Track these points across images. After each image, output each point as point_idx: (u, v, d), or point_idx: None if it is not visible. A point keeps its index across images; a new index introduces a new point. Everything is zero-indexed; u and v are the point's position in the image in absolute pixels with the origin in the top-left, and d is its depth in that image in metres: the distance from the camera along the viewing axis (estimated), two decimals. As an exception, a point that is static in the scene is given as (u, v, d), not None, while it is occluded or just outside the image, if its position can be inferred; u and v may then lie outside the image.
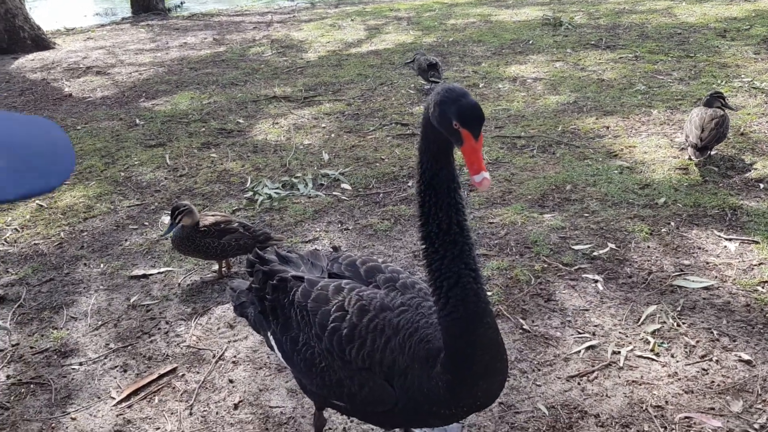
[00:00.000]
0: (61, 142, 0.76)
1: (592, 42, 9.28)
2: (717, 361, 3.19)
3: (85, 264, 4.49)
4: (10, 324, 3.88)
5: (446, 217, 1.99)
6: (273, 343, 2.61)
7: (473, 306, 2.03)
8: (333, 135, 6.54)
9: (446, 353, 2.08)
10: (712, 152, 5.33)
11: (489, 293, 3.70)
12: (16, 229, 5.06)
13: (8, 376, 3.45)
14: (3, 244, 4.84)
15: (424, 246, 2.08)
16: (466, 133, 1.84)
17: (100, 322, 3.85)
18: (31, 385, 3.38)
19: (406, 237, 4.52)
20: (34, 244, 4.81)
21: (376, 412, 2.30)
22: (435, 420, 2.27)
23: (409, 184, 5.34)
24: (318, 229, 4.70)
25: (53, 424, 3.11)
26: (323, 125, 6.84)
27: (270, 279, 2.57)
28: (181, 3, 17.66)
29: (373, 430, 2.92)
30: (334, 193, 5.27)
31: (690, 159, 5.22)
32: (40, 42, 11.94)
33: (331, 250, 2.95)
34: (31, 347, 3.67)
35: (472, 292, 2.03)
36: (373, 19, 12.73)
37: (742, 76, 7.26)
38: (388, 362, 2.19)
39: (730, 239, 4.21)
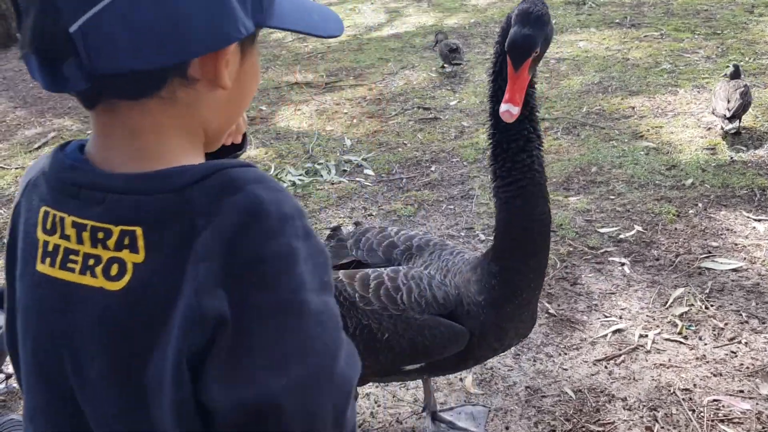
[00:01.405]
0: (333, 13, 1.06)
1: (617, 20, 9.14)
2: (746, 343, 3.17)
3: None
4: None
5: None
6: None
7: (538, 176, 2.03)
8: (355, 120, 6.54)
9: (499, 235, 2.11)
10: (741, 123, 5.25)
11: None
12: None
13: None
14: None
15: (490, 127, 2.07)
16: (508, 59, 1.85)
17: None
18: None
19: (430, 222, 4.52)
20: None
21: (450, 359, 2.24)
22: (506, 330, 2.24)
23: (432, 168, 5.33)
24: (342, 215, 4.72)
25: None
26: (345, 111, 6.85)
27: None
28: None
29: (400, 414, 2.95)
30: (357, 178, 5.28)
31: (722, 129, 5.22)
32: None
33: (354, 225, 2.97)
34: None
35: (538, 160, 2.03)
36: (393, 1, 12.65)
37: (772, 52, 7.12)
38: (441, 296, 2.20)
39: (759, 220, 4.15)
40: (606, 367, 3.12)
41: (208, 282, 0.80)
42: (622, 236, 4.11)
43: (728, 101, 5.12)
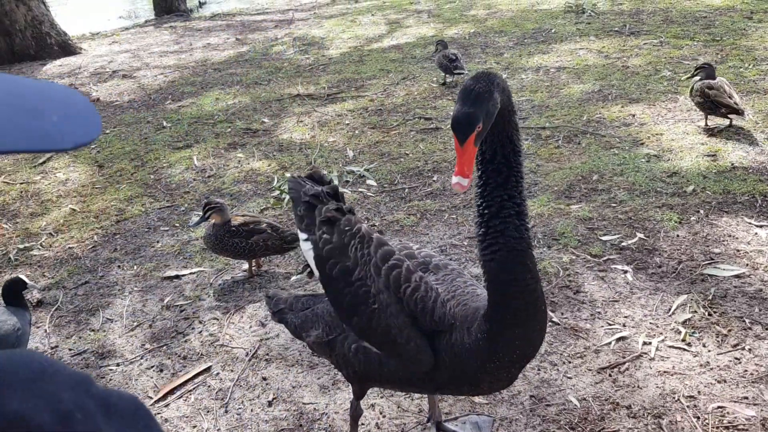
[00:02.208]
0: (83, 100, 0.77)
1: (616, 28, 9.18)
2: (750, 349, 3.17)
3: (119, 266, 4.59)
4: (48, 327, 3.99)
5: (492, 146, 2.03)
6: (310, 256, 2.56)
7: (513, 242, 2.04)
8: (357, 131, 6.57)
9: (488, 298, 2.11)
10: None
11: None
12: (50, 233, 5.18)
13: (49, 378, 3.55)
14: (39, 248, 4.96)
15: (478, 181, 2.11)
16: (454, 136, 1.95)
17: (135, 323, 3.93)
18: (72, 386, 3.47)
19: (432, 232, 4.54)
20: (69, 247, 4.93)
21: (415, 374, 2.30)
22: (480, 379, 2.24)
23: (434, 178, 5.35)
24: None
25: (94, 424, 3.19)
26: (347, 122, 6.88)
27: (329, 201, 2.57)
28: (201, 3, 17.77)
29: (405, 425, 2.96)
30: (359, 189, 5.30)
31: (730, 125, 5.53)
32: (66, 47, 12.13)
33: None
34: (70, 349, 3.77)
35: (513, 226, 2.04)
36: (394, 13, 12.72)
37: (771, 58, 7.14)
38: (439, 314, 2.24)
39: (761, 226, 4.16)
40: (610, 375, 3.12)
41: None
42: (624, 244, 4.12)
43: (731, 96, 5.34)
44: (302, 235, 2.61)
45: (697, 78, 5.57)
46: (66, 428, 0.60)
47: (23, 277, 3.60)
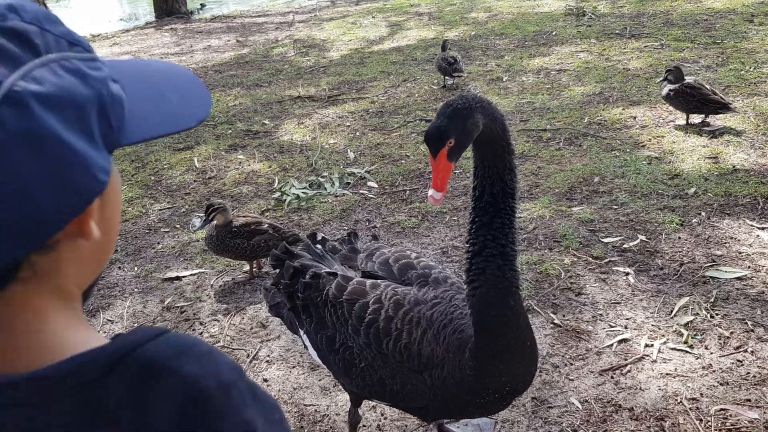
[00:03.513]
0: (189, 75, 0.87)
1: (617, 31, 9.19)
2: (752, 352, 3.16)
3: (119, 267, 4.58)
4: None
5: (482, 183, 2.03)
6: (307, 342, 2.64)
7: (494, 281, 2.03)
8: (358, 133, 6.57)
9: (473, 334, 2.10)
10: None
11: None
12: (51, 234, 5.17)
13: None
14: (39, 249, 4.95)
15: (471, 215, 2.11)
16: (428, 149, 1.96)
17: (136, 325, 3.92)
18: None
19: (433, 234, 4.53)
20: (70, 249, 4.91)
21: (412, 409, 2.34)
22: (472, 410, 2.27)
23: (436, 180, 5.34)
24: (346, 228, 4.73)
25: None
26: (348, 124, 6.88)
27: (301, 276, 2.59)
28: (202, 6, 17.78)
29: (406, 426, 2.95)
30: (360, 191, 5.30)
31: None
32: (67, 49, 12.14)
33: (371, 238, 2.98)
34: (71, 350, 3.76)
35: (495, 265, 2.02)
36: (394, 15, 12.73)
37: (772, 61, 7.14)
38: (426, 353, 2.22)
39: (763, 228, 4.16)
40: (612, 377, 3.11)
41: None
42: (625, 246, 4.11)
43: (714, 93, 5.59)
44: (302, 335, 2.68)
45: (666, 81, 5.77)
46: (225, 396, 0.75)
47: None
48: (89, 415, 0.71)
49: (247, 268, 4.35)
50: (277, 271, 2.77)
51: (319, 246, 2.78)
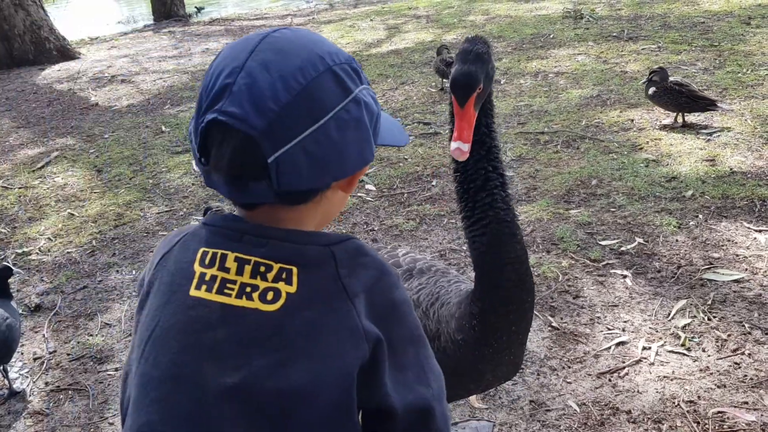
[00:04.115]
0: (397, 122, 1.33)
1: (614, 34, 9.21)
2: (749, 354, 3.17)
3: (117, 271, 4.58)
4: (46, 332, 3.97)
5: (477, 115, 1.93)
6: None
7: (502, 214, 1.97)
8: (356, 136, 6.57)
9: (477, 277, 2.02)
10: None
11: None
12: (49, 238, 5.18)
13: (47, 383, 3.54)
14: (37, 253, 4.95)
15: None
16: (453, 98, 1.86)
17: (133, 329, 3.92)
18: (69, 392, 3.46)
19: (432, 237, 4.54)
20: (67, 252, 4.92)
21: None
22: (483, 370, 2.16)
23: (433, 183, 5.35)
24: (344, 231, 4.73)
25: (92, 430, 3.18)
26: (346, 127, 6.87)
27: None
28: (199, 9, 17.78)
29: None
30: (358, 194, 5.30)
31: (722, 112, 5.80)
32: (65, 52, 12.14)
33: (371, 242, 2.98)
34: (68, 354, 3.76)
35: (500, 197, 1.97)
36: (392, 18, 12.75)
37: (769, 63, 7.16)
38: None
39: (760, 230, 4.16)
40: (610, 380, 3.12)
41: (362, 313, 1.09)
42: (623, 248, 4.12)
43: (699, 90, 5.72)
44: None
45: (650, 82, 5.81)
46: (397, 278, 1.21)
47: (9, 263, 3.55)
48: (323, 261, 1.12)
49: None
50: None
51: None
